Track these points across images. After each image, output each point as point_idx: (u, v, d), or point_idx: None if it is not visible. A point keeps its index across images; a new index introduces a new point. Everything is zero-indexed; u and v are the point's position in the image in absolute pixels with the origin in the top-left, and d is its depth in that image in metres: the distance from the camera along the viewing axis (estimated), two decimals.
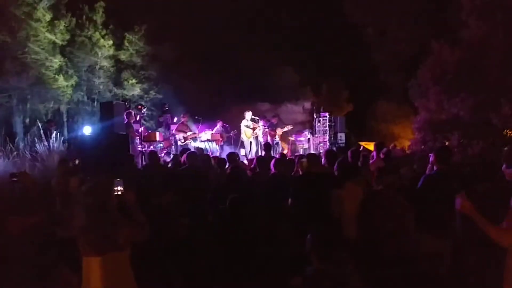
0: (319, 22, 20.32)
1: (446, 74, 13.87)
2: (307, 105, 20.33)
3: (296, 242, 3.95)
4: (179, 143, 13.06)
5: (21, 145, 12.25)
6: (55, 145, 11.50)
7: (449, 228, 4.32)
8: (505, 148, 4.21)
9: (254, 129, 14.00)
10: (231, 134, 14.32)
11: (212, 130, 13.74)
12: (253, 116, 14.15)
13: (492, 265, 3.86)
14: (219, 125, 14.01)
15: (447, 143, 13.28)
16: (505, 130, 13.10)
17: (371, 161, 7.61)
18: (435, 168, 4.90)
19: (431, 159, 5.03)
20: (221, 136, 13.84)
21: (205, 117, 14.12)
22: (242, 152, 14.00)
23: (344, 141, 16.78)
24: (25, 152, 11.36)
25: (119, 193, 3.39)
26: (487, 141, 12.34)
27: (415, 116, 16.45)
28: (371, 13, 18.54)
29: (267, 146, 9.81)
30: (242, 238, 4.23)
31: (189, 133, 13.20)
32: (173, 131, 13.24)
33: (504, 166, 3.36)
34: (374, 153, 8.00)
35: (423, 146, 14.00)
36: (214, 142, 13.53)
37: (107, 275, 3.21)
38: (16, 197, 3.96)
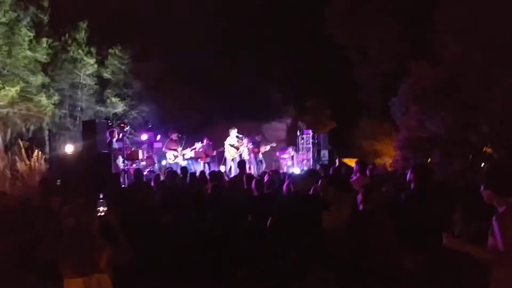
0: (302, 41, 20.59)
1: (426, 93, 14.10)
2: (290, 122, 20.48)
3: (280, 261, 3.96)
4: (170, 161, 12.93)
5: (1, 164, 12.05)
6: (37, 164, 11.37)
7: (427, 245, 4.32)
8: (483, 165, 4.24)
9: (238, 148, 13.91)
10: (214, 154, 14.18)
11: (197, 147, 13.57)
12: (237, 134, 14.08)
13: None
14: (205, 142, 13.81)
15: (429, 161, 13.42)
16: (484, 148, 13.30)
17: (353, 178, 7.66)
18: (412, 185, 4.93)
19: (408, 176, 5.05)
20: (206, 154, 13.72)
21: (189, 135, 14.02)
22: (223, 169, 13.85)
23: (327, 158, 16.87)
24: (6, 171, 11.19)
25: (102, 213, 3.37)
26: (466, 158, 12.51)
27: (397, 134, 16.62)
28: (352, 33, 18.84)
29: (241, 164, 9.71)
30: (225, 256, 4.23)
31: (180, 149, 13.09)
32: (164, 149, 13.13)
33: (482, 187, 3.25)
34: (356, 171, 8.03)
35: (404, 164, 14.11)
36: (198, 160, 13.40)
37: None
38: None
